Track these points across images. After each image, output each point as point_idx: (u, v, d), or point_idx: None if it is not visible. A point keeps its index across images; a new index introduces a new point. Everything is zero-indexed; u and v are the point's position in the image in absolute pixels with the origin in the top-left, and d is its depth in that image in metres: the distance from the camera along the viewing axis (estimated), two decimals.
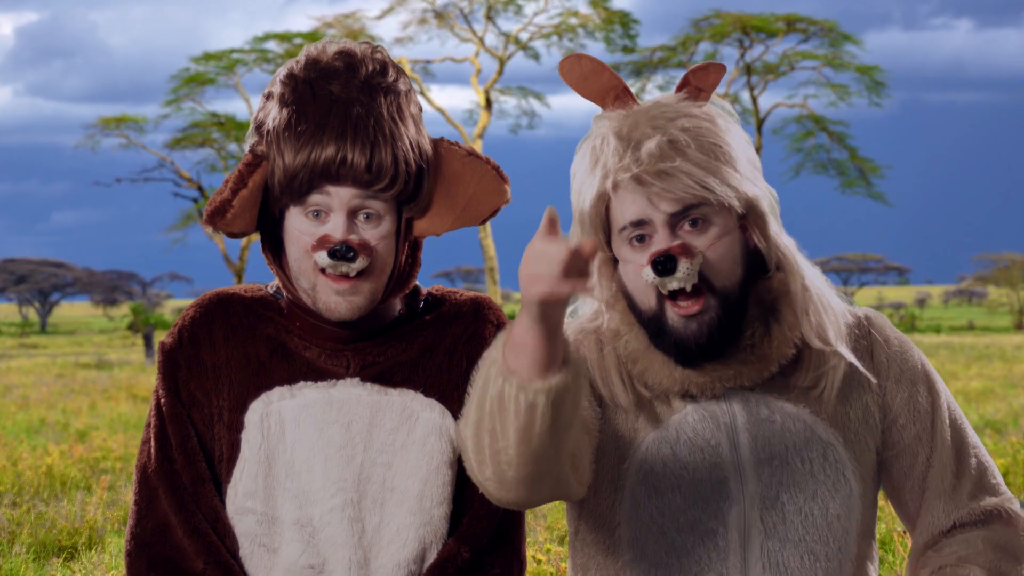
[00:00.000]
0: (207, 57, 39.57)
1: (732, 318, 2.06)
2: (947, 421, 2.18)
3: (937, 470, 2.16)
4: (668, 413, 2.13)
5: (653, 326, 2.08)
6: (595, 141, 2.11)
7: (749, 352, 2.09)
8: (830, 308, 2.14)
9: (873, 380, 2.16)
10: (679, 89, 2.13)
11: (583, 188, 2.11)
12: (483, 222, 2.25)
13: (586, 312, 2.24)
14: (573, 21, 38.81)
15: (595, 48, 39.97)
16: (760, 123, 39.41)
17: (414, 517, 2.21)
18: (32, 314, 73.22)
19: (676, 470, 2.10)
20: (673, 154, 2.02)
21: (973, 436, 2.21)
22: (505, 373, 1.85)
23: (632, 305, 2.11)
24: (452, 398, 2.25)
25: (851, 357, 2.12)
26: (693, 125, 2.06)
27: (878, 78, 39.01)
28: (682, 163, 2.02)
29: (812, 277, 2.14)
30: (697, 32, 39.53)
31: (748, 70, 39.32)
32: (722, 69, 2.13)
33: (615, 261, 2.14)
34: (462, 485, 2.25)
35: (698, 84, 2.12)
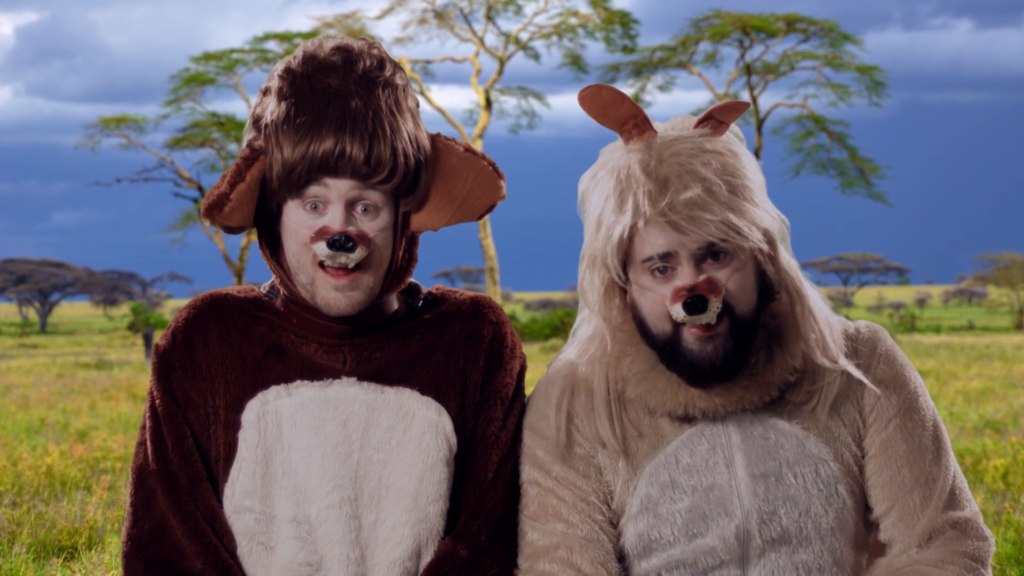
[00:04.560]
0: (207, 57, 39.57)
1: (745, 341, 2.12)
2: (918, 429, 2.19)
3: (906, 477, 2.17)
4: (661, 440, 2.19)
5: (667, 350, 2.13)
6: (620, 173, 2.15)
7: (752, 379, 2.15)
8: (833, 327, 2.20)
9: (875, 389, 2.20)
10: (701, 122, 2.17)
11: (605, 217, 2.14)
12: (479, 217, 2.26)
13: (584, 333, 2.28)
14: (573, 21, 38.80)
15: (595, 48, 40.01)
16: (760, 123, 39.39)
17: (410, 515, 2.21)
18: (32, 314, 73.18)
19: (676, 494, 2.17)
20: (708, 200, 2.08)
21: (947, 451, 2.21)
22: None
23: (643, 329, 2.16)
24: (448, 396, 2.25)
25: (857, 373, 2.18)
26: (720, 164, 2.11)
27: (878, 78, 38.99)
28: (716, 208, 2.07)
29: (815, 299, 2.20)
30: (697, 32, 39.51)
31: (748, 70, 39.30)
32: (746, 106, 2.18)
33: (621, 284, 2.18)
34: (458, 483, 2.25)
35: (721, 119, 2.17)
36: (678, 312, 2.08)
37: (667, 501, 2.17)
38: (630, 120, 2.18)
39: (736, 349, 2.11)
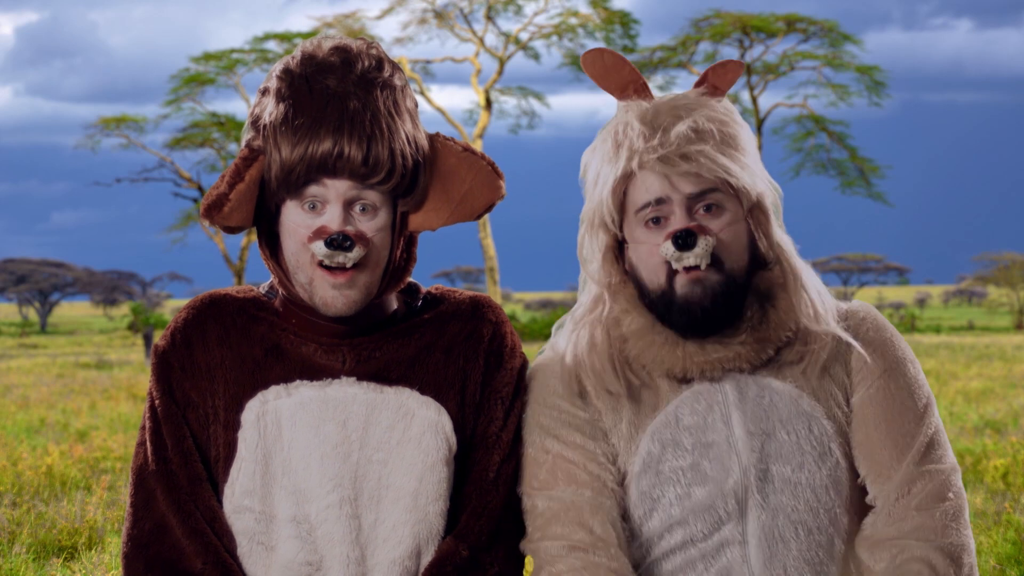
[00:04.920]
0: (207, 57, 39.58)
1: (734, 294, 2.17)
2: (901, 392, 2.23)
3: (884, 435, 2.21)
4: (661, 400, 2.23)
5: (662, 302, 2.17)
6: (617, 127, 2.21)
7: (748, 334, 2.20)
8: (824, 299, 2.26)
9: (862, 351, 2.24)
10: (697, 86, 2.23)
11: (603, 171, 2.21)
12: (478, 217, 2.26)
13: (586, 300, 2.32)
14: (573, 21, 38.80)
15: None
16: (760, 123, 39.38)
17: (409, 514, 2.21)
18: (32, 314, 73.16)
19: (678, 452, 2.20)
20: (698, 139, 2.14)
21: (931, 413, 2.25)
22: None
23: (640, 286, 2.21)
24: (448, 396, 2.25)
25: (845, 335, 2.22)
26: (715, 115, 2.18)
27: (878, 78, 39.00)
28: (707, 148, 2.14)
29: (807, 273, 2.25)
30: (697, 32, 39.51)
31: (748, 70, 39.29)
32: (740, 67, 2.24)
33: (620, 248, 2.24)
34: (459, 482, 2.25)
35: (715, 82, 2.23)
36: (668, 249, 2.12)
37: (669, 458, 2.20)
38: (630, 85, 2.24)
39: (725, 296, 2.15)
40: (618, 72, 2.24)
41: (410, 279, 2.33)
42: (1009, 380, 16.88)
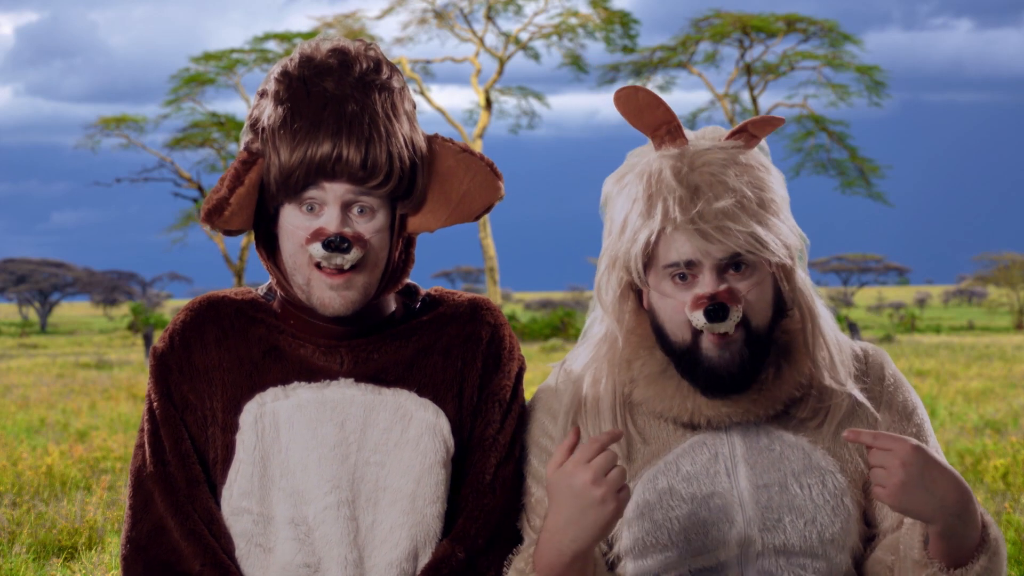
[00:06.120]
0: (207, 57, 39.59)
1: (759, 352, 2.14)
2: (912, 436, 2.22)
3: None
4: (662, 447, 2.20)
5: (686, 359, 2.14)
6: (650, 175, 2.14)
7: (761, 392, 2.16)
8: (842, 348, 2.23)
9: (877, 416, 2.23)
10: (733, 135, 2.17)
11: (631, 220, 2.14)
12: (477, 218, 2.26)
13: (597, 333, 2.29)
14: (573, 21, 38.81)
15: (595, 48, 40.00)
16: None
17: (407, 516, 2.21)
18: (32, 314, 73.11)
19: (674, 501, 2.18)
20: (737, 212, 2.08)
21: (939, 454, 2.23)
22: None
23: (660, 335, 2.17)
24: (446, 399, 2.25)
25: (862, 398, 2.21)
26: (751, 177, 2.13)
27: (878, 78, 39.00)
28: (745, 220, 2.08)
29: (826, 320, 2.22)
30: (697, 32, 39.52)
31: (748, 70, 39.30)
32: (780, 122, 2.18)
33: (636, 287, 2.20)
34: (456, 485, 2.25)
35: (754, 132, 2.17)
36: (699, 319, 2.09)
37: (664, 508, 2.18)
38: (663, 126, 2.17)
39: (751, 358, 2.12)
40: (651, 112, 2.17)
41: (409, 281, 2.33)
42: (1009, 380, 16.87)
